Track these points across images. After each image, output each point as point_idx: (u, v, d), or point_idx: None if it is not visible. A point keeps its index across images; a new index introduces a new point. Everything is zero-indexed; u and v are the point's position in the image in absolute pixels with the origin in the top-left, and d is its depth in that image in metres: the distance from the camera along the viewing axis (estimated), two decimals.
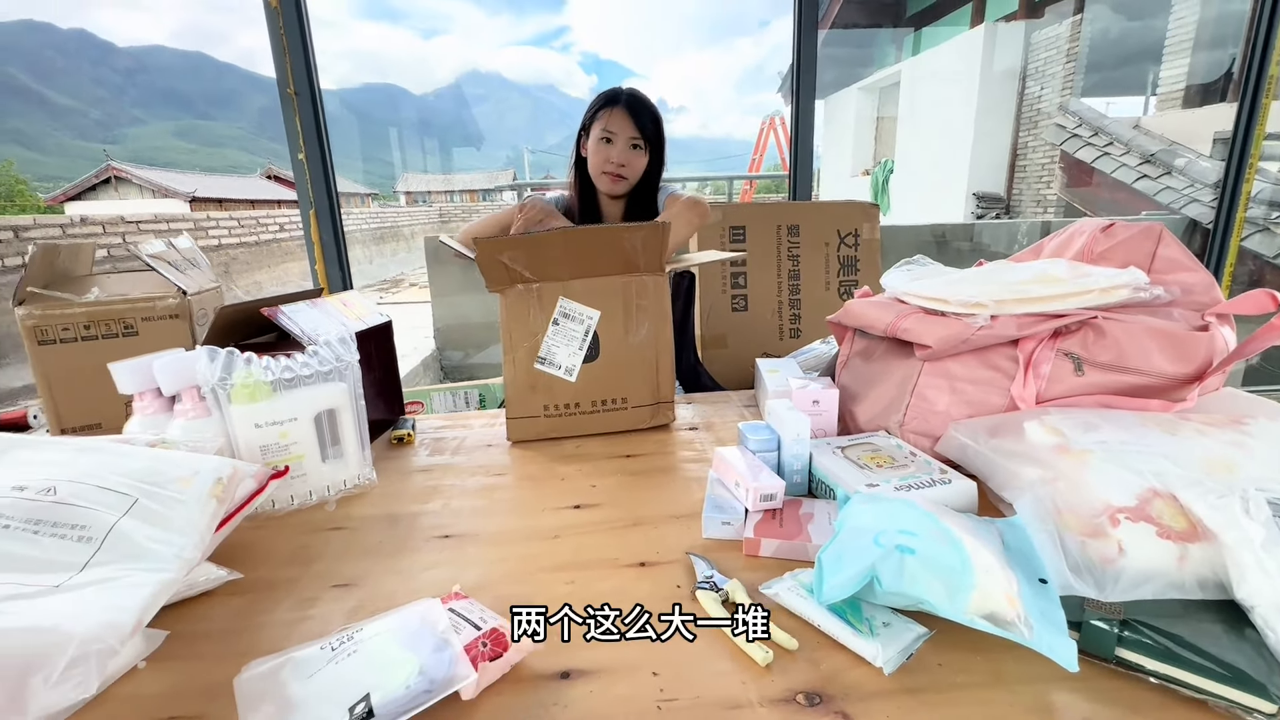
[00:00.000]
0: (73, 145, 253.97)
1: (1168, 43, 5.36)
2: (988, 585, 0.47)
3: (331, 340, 0.84)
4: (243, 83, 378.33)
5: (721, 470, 0.75)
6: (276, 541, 0.71)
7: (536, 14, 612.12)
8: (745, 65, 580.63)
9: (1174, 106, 5.22)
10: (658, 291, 0.99)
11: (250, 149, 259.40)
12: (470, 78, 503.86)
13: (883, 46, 9.65)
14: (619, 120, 1.33)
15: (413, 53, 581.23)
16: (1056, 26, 6.24)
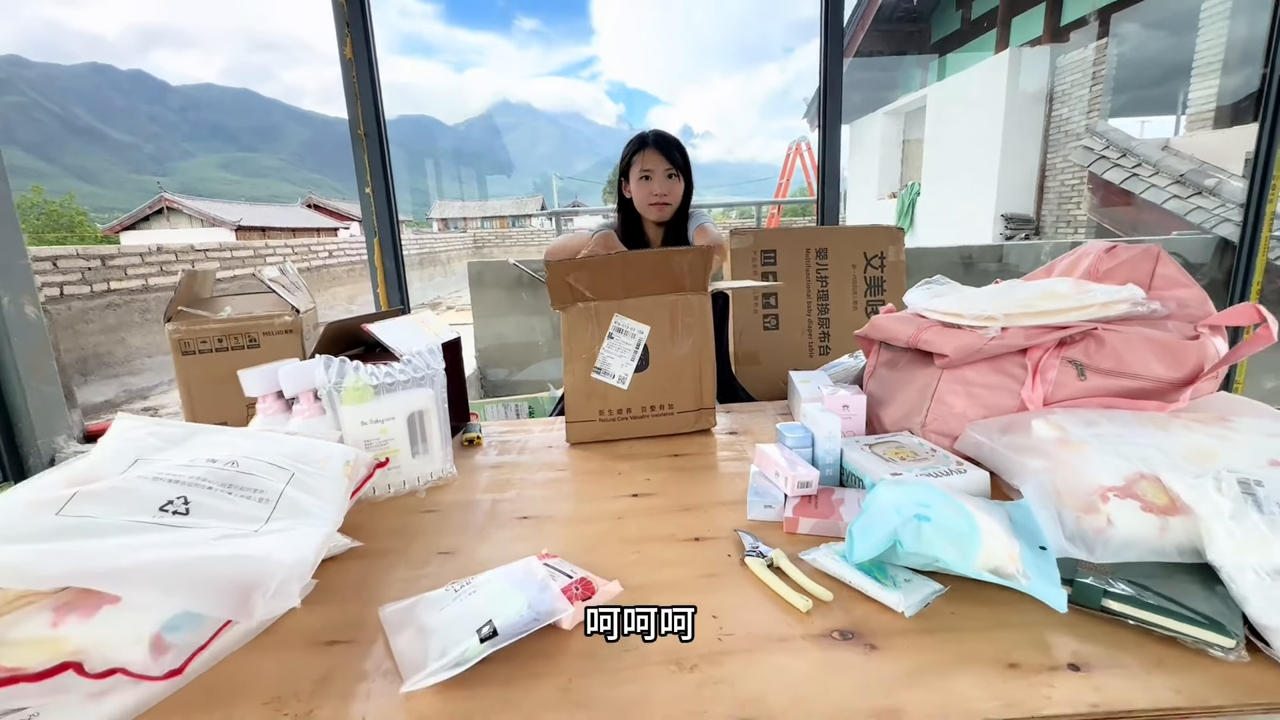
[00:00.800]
0: (127, 178, 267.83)
1: (1196, 63, 5.36)
2: (992, 545, 0.57)
3: (421, 351, 0.97)
4: (285, 117, 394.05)
5: (762, 464, 0.85)
6: (381, 521, 0.84)
7: (566, 45, 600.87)
8: (770, 90, 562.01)
9: (1204, 127, 5.20)
10: (701, 309, 1.11)
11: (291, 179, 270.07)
12: (501, 107, 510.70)
13: (908, 72, 9.78)
14: (652, 158, 1.52)
15: (446, 85, 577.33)
16: (1082, 50, 6.29)
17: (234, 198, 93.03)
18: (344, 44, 1.89)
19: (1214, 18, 5.18)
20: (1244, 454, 0.66)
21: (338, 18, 1.87)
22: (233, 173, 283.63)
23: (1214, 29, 5.19)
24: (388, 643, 0.56)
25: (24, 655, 0.44)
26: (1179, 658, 0.51)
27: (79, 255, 3.18)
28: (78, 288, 3.20)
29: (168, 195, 27.10)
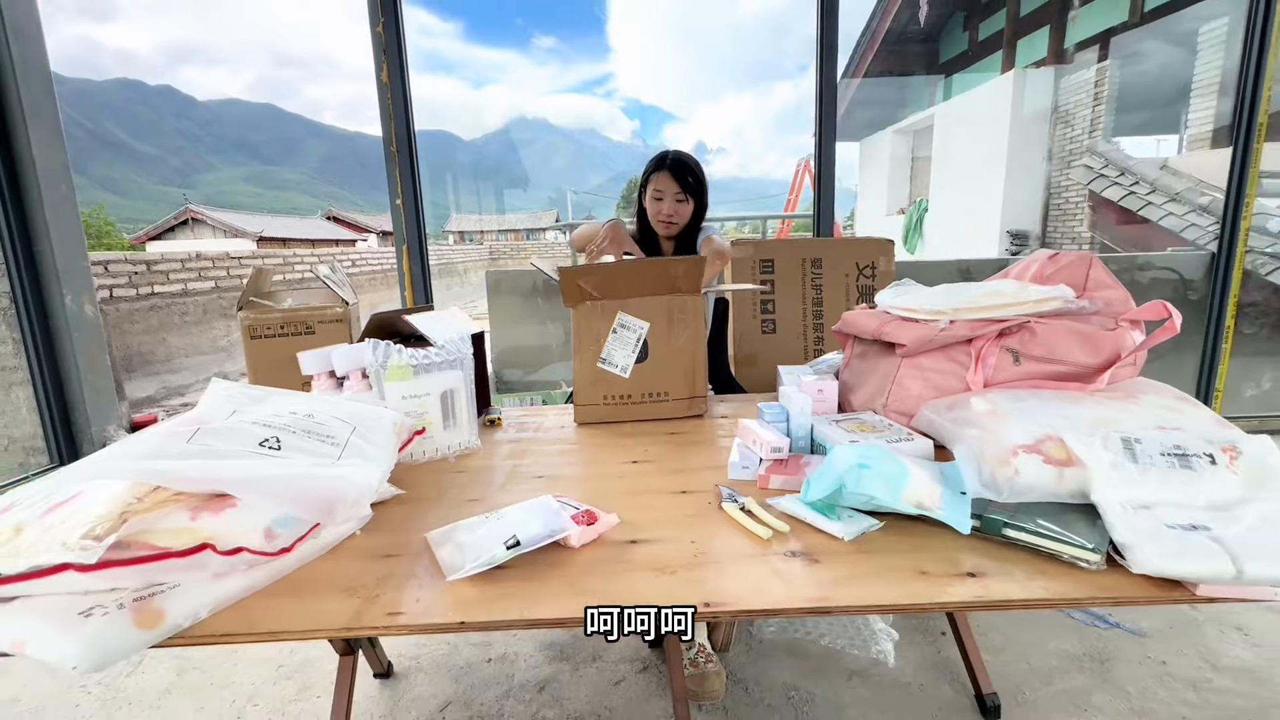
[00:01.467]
0: (153, 190, 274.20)
1: (1195, 85, 5.48)
2: (917, 486, 0.71)
3: (453, 338, 1.13)
4: (306, 132, 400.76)
5: (743, 434, 1.00)
6: (418, 479, 0.99)
7: (582, 63, 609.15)
8: (783, 108, 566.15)
9: (1203, 146, 5.30)
10: (694, 308, 1.25)
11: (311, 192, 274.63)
12: (517, 123, 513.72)
13: (917, 91, 9.96)
14: (665, 181, 1.65)
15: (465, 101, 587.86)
16: (1084, 72, 6.43)
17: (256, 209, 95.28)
18: (380, 69, 2.08)
19: (1211, 42, 5.31)
20: (1138, 421, 0.79)
21: (375, 45, 2.07)
22: (255, 185, 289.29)
23: (1211, 53, 5.31)
24: (433, 555, 0.71)
25: (171, 539, 0.59)
26: (1056, 569, 0.65)
27: (126, 260, 3.41)
28: (125, 290, 3.42)
29: (193, 207, 27.89)
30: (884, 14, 8.79)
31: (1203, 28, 5.38)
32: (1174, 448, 0.71)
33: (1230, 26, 5.10)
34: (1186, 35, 5.57)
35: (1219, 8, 5.27)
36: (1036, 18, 7.31)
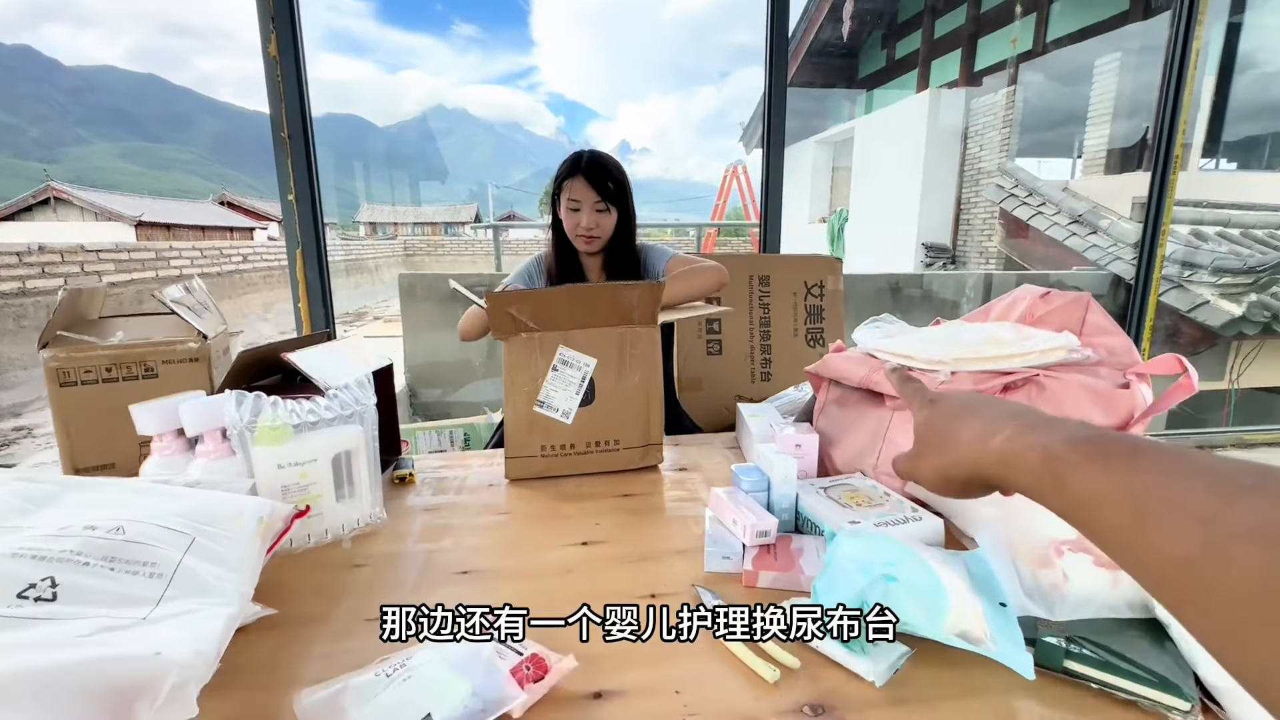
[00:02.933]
0: (7, 163, 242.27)
1: (1090, 112, 5.94)
2: (960, 607, 0.56)
3: (350, 384, 0.89)
4: (197, 107, 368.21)
5: (719, 509, 0.82)
6: (300, 579, 0.75)
7: (505, 54, 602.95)
8: (706, 112, 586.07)
9: (1097, 171, 5.75)
10: (650, 341, 1.07)
11: (202, 174, 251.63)
12: (436, 112, 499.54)
13: (837, 104, 10.29)
14: (581, 189, 1.41)
15: (379, 85, 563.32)
16: (993, 95, 6.82)
17: (135, 190, 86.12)
18: (268, 40, 1.75)
19: (1105, 72, 5.76)
20: None
21: (261, 12, 1.74)
22: (135, 163, 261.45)
23: (1105, 82, 5.77)
24: None
25: None
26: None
27: None
28: None
29: (55, 184, 24.63)
30: (809, 26, 8.99)
31: (1098, 60, 5.82)
32: None
33: (1123, 60, 5.55)
34: (1084, 67, 6.01)
35: (1113, 43, 5.73)
36: (949, 41, 7.70)
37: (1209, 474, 0.25)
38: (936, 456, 0.43)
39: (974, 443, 0.39)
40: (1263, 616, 0.21)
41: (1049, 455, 0.32)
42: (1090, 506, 0.29)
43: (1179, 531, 0.24)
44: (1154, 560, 0.25)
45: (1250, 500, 0.23)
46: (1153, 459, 0.27)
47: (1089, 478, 0.29)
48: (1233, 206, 4.73)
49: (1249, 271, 3.41)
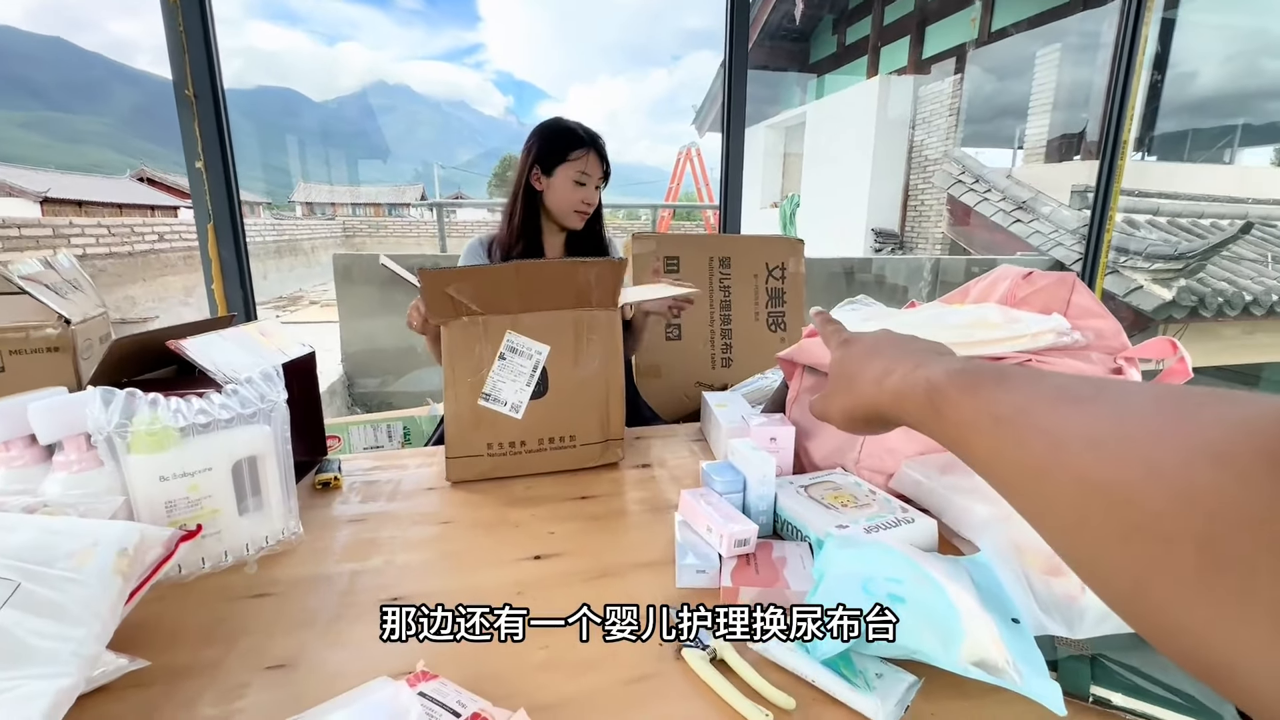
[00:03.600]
0: None
1: (1031, 104, 6.12)
2: (976, 632, 0.48)
3: (255, 377, 0.75)
4: (111, 75, 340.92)
5: (689, 514, 0.73)
6: (187, 615, 0.61)
7: (450, 29, 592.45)
8: (658, 96, 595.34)
9: (1038, 160, 5.94)
10: (610, 326, 0.96)
11: (119, 147, 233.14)
12: (377, 88, 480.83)
13: (789, 89, 10.31)
14: (594, 163, 1.37)
15: (315, 58, 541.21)
16: (940, 83, 6.94)
17: (41, 164, 79.04)
18: None
19: (1045, 65, 5.94)
20: None
21: None
22: (40, 134, 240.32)
23: (1045, 74, 5.94)
24: None
25: None
26: None
27: None
28: None
29: None
30: (761, 8, 8.93)
31: (1039, 51, 5.98)
32: None
33: (1063, 49, 5.72)
34: (1025, 60, 6.18)
35: (1053, 34, 5.89)
36: (898, 28, 7.78)
37: (1057, 390, 0.26)
38: (843, 396, 0.44)
39: (874, 382, 0.40)
40: (1091, 514, 0.22)
41: (931, 388, 0.34)
42: (964, 432, 0.31)
43: (1029, 444, 0.26)
44: (1013, 475, 0.27)
45: (1087, 408, 0.24)
46: (1014, 383, 0.29)
47: (962, 406, 0.31)
48: (1160, 196, 4.96)
49: (1179, 257, 3.57)
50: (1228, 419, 0.19)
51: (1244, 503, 0.17)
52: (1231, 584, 0.17)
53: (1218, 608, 0.18)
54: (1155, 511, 0.19)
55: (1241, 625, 0.17)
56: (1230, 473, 0.18)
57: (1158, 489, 0.20)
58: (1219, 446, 0.19)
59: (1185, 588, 0.19)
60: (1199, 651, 0.19)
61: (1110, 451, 0.22)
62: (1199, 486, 0.18)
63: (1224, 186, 5.48)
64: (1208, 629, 0.18)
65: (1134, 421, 0.22)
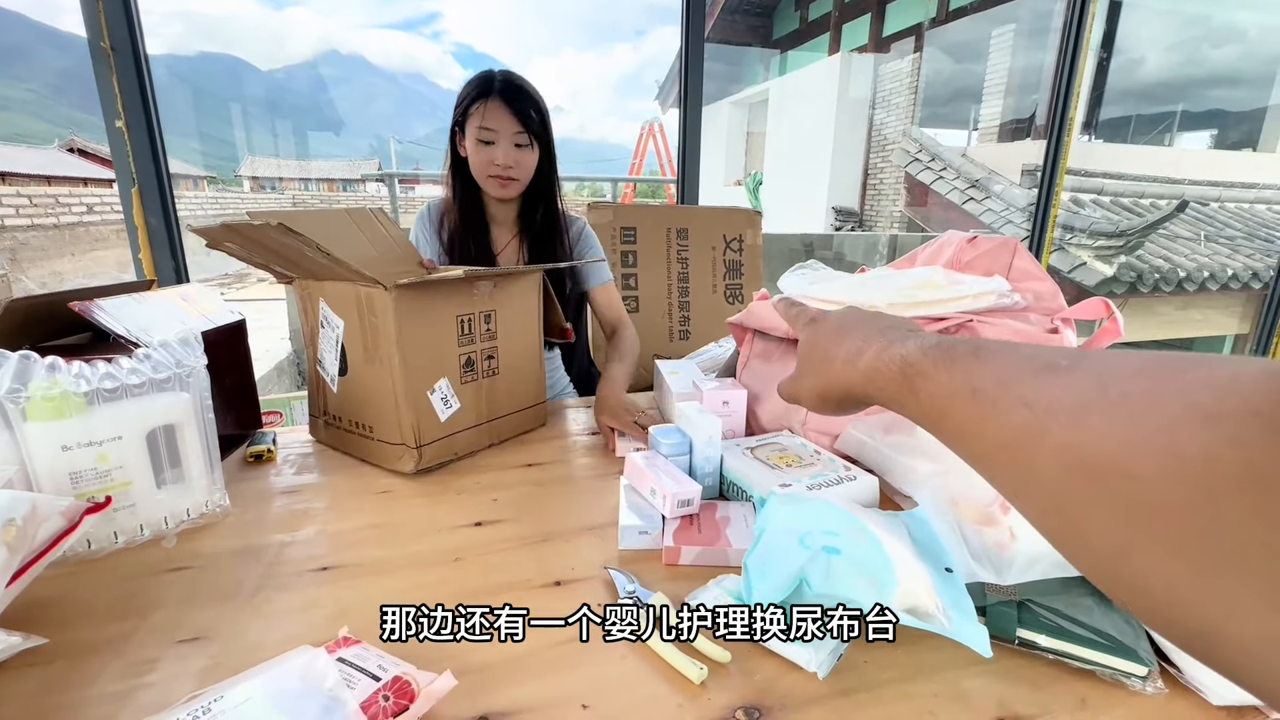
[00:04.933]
0: None
1: (985, 86, 6.23)
2: (908, 581, 0.49)
3: (170, 341, 0.70)
4: (35, 37, 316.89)
5: (634, 477, 0.72)
6: (95, 591, 0.58)
7: None
8: (622, 71, 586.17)
9: (991, 140, 6.07)
10: (387, 311, 0.76)
11: (46, 116, 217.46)
12: (329, 58, 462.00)
13: (752, 65, 10.25)
14: (497, 115, 1.12)
15: (261, 23, 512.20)
16: (899, 61, 7.00)
17: None
18: None
19: (1000, 48, 6.04)
20: None
21: None
22: None
23: (999, 57, 6.05)
24: None
25: None
26: (1100, 695, 0.46)
27: None
28: None
29: None
30: None
31: (994, 32, 6.07)
32: None
33: (1015, 33, 5.82)
34: (980, 42, 6.27)
35: (1008, 14, 5.99)
36: (859, 5, 7.79)
37: (1034, 362, 0.26)
38: (814, 378, 0.43)
39: (846, 362, 0.39)
40: (1075, 483, 0.21)
41: (905, 365, 0.33)
42: (940, 407, 0.30)
43: (1007, 416, 0.25)
44: (990, 448, 0.26)
45: (1065, 379, 0.23)
46: (990, 354, 0.28)
47: (938, 381, 0.30)
48: (1104, 176, 5.14)
49: (1120, 235, 3.72)
50: (1216, 380, 0.18)
51: (1235, 465, 0.17)
52: (1220, 550, 0.17)
53: (1205, 575, 0.17)
54: (1141, 477, 0.19)
55: (1229, 592, 0.17)
56: (1220, 434, 0.17)
57: (1144, 454, 0.19)
58: (1208, 408, 0.18)
59: (1171, 554, 0.18)
60: (1184, 619, 0.18)
61: (1093, 418, 0.21)
62: (1187, 450, 0.18)
63: (1163, 168, 5.71)
64: (1193, 595, 0.18)
65: (1116, 388, 0.21)
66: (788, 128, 8.38)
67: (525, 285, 0.95)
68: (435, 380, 0.83)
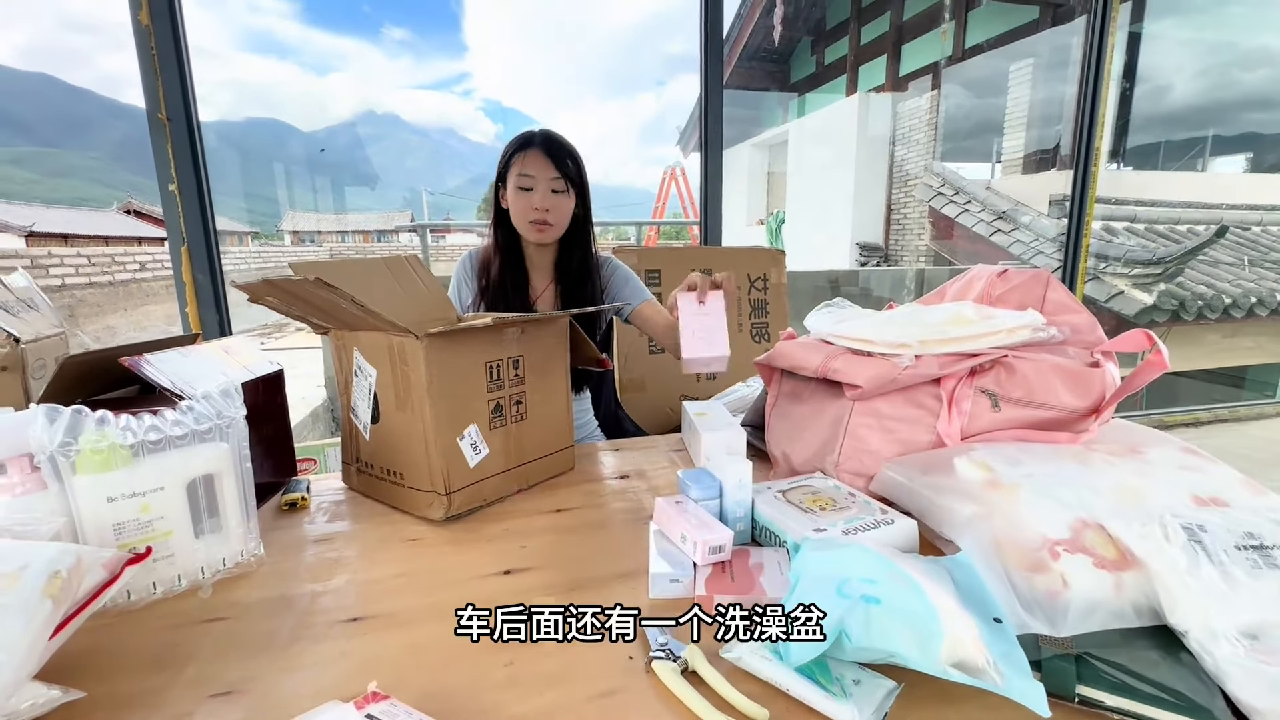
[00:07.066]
0: None
1: (1007, 119, 6.24)
2: (955, 631, 0.46)
3: (212, 393, 0.72)
4: (100, 110, 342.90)
5: (664, 522, 0.71)
6: (133, 643, 0.58)
7: (437, 59, 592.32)
8: (645, 119, 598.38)
9: (1015, 172, 6.04)
10: (418, 359, 0.78)
11: (106, 181, 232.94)
12: (366, 118, 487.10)
13: (771, 108, 10.47)
14: (536, 163, 1.22)
15: (305, 89, 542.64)
16: (918, 99, 7.07)
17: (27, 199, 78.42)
18: (138, 7, 1.53)
19: (1019, 81, 6.08)
20: (1168, 491, 0.62)
21: None
22: (29, 170, 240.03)
23: (1019, 90, 6.08)
24: None
25: None
26: None
27: None
28: None
29: None
30: (740, 32, 9.11)
31: (1012, 66, 6.11)
32: (1246, 537, 0.53)
33: (1034, 66, 5.86)
34: (999, 76, 6.32)
35: (1025, 49, 6.04)
36: (875, 47, 7.95)
37: None
38: None
39: None
40: None
41: None
42: None
43: None
44: None
45: None
46: None
47: None
48: (1136, 203, 5.05)
49: (1158, 262, 3.62)
50: None
51: None
52: None
53: None
54: None
55: None
56: None
57: None
58: None
59: None
60: None
61: None
62: None
63: (1198, 193, 5.58)
64: None
65: None
66: (808, 167, 8.47)
67: (553, 330, 0.96)
68: (465, 426, 0.84)
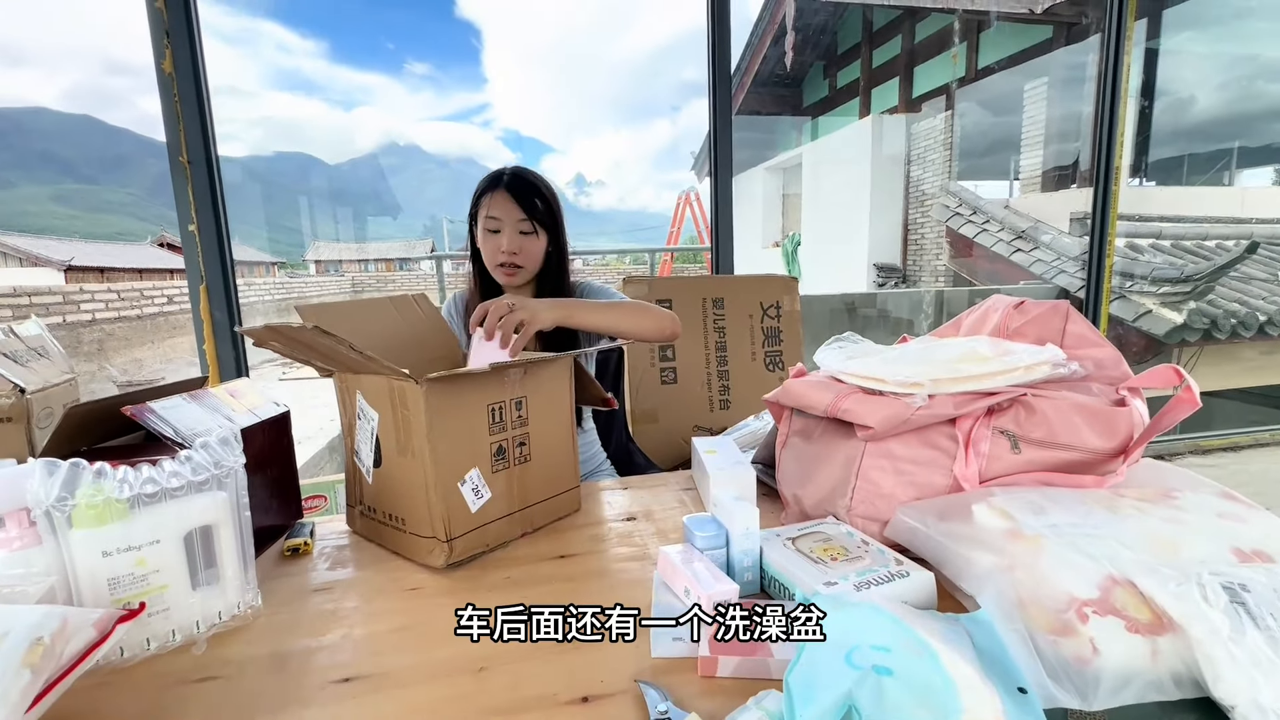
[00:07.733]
0: None
1: (1024, 137, 6.20)
2: (976, 708, 0.43)
3: (210, 442, 0.72)
4: (137, 147, 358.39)
5: (668, 574, 0.68)
6: (120, 704, 0.57)
7: (458, 92, 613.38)
8: (660, 144, 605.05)
9: (1034, 190, 5.97)
10: (418, 403, 0.76)
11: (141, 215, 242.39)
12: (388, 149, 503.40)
13: (785, 132, 10.54)
14: (501, 204, 1.19)
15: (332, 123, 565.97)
16: (932, 119, 7.06)
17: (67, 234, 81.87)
18: (162, 57, 1.59)
19: (1034, 100, 6.04)
20: (1205, 542, 0.58)
21: (154, 26, 1.58)
22: (69, 206, 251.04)
23: (1035, 109, 6.04)
24: None
25: None
26: None
27: None
28: None
29: None
30: (752, 58, 9.23)
31: (1026, 85, 6.09)
32: None
33: (1049, 84, 5.82)
34: (1014, 95, 6.30)
35: (1039, 68, 6.02)
36: (887, 69, 7.99)
37: None
38: None
39: None
40: None
41: None
42: None
43: None
44: None
45: None
46: None
47: None
48: (1161, 219, 4.94)
49: (1186, 280, 3.52)
50: None
51: None
52: None
53: None
54: None
55: None
56: None
57: None
58: None
59: None
60: None
61: None
62: None
63: (1226, 208, 5.45)
64: None
65: None
66: (823, 189, 8.48)
67: (556, 369, 0.95)
68: (466, 470, 0.82)
